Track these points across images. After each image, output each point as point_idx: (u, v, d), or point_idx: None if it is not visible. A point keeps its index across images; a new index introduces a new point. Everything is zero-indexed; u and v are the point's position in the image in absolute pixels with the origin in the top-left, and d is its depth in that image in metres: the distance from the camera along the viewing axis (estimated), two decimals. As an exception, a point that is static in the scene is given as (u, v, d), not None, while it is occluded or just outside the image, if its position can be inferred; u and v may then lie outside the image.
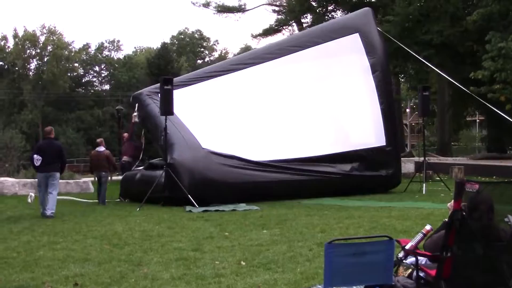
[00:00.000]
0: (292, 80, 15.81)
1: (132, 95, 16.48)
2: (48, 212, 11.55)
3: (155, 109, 14.28)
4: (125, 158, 17.28)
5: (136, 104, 15.36)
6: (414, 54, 19.32)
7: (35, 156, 11.83)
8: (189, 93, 14.95)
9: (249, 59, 16.66)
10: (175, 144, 13.52)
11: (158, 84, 14.26)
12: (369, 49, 16.26)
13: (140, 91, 16.40)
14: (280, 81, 15.75)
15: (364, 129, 15.63)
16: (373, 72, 16.06)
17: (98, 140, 15.32)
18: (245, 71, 15.77)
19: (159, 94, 13.74)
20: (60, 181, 14.22)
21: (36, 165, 11.79)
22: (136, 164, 16.29)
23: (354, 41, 16.41)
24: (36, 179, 13.82)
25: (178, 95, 13.91)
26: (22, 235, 9.06)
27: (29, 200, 15.19)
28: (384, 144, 15.50)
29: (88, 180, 21.15)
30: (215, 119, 14.68)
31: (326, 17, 34.51)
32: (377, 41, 16.54)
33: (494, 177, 16.94)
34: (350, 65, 16.23)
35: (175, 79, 14.78)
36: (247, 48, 56.87)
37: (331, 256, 4.30)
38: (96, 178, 15.02)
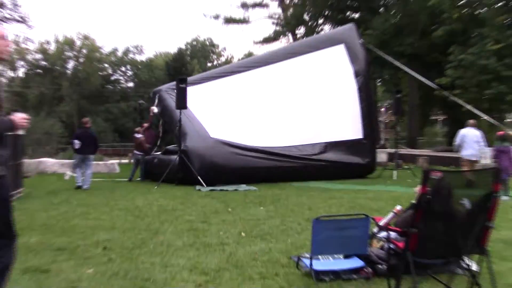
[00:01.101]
0: (287, 82, 15.78)
1: (153, 91, 16.42)
2: (85, 186, 12.34)
3: (171, 104, 14.25)
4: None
5: (156, 98, 15.33)
6: (396, 63, 19.20)
7: (75, 141, 12.53)
8: (200, 91, 14.91)
9: (251, 63, 16.67)
10: (188, 133, 13.51)
11: (174, 82, 14.22)
12: (353, 58, 16.25)
13: (159, 87, 16.35)
14: (277, 82, 15.71)
15: (346, 124, 15.62)
16: (356, 76, 16.05)
17: (136, 129, 16.06)
18: (248, 73, 15.75)
19: (175, 91, 13.70)
20: (92, 162, 14.32)
21: (76, 148, 12.49)
22: (154, 150, 16.30)
23: (340, 50, 16.39)
24: (72, 160, 14.09)
25: (191, 92, 13.87)
26: (60, 206, 9.08)
27: (66, 178, 15.26)
28: (362, 137, 15.53)
29: (114, 162, 21.18)
30: (222, 113, 14.66)
31: (317, 29, 34.40)
32: (359, 51, 16.51)
33: (453, 166, 16.97)
34: (336, 70, 16.20)
35: (189, 78, 14.74)
36: (250, 54, 56.56)
37: (317, 230, 4.32)
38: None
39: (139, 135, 15.42)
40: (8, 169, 3.28)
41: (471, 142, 11.40)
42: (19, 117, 3.17)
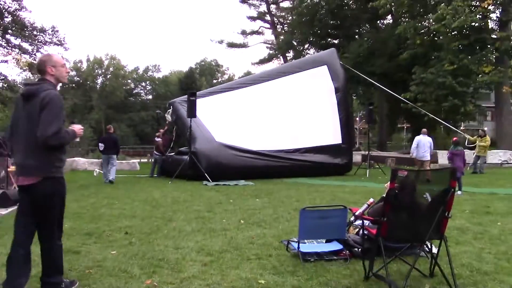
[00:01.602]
0: (279, 96, 15.77)
1: (168, 102, 16.39)
2: (111, 178, 12.56)
3: (183, 113, 14.19)
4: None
5: (171, 108, 15.28)
6: (369, 80, 19.24)
7: (100, 144, 12.96)
8: (207, 103, 14.88)
9: (249, 80, 16.64)
10: (197, 138, 13.46)
11: (186, 96, 14.20)
12: (334, 76, 16.28)
13: (174, 99, 16.30)
14: (271, 96, 15.70)
15: (328, 132, 15.63)
16: (336, 92, 16.07)
17: (157, 133, 16.01)
18: (247, 89, 15.73)
19: (187, 103, 13.66)
20: (117, 161, 14.35)
21: (101, 149, 12.84)
22: (169, 151, 16.26)
23: (323, 70, 16.41)
24: (100, 159, 14.23)
25: (200, 103, 13.84)
26: (90, 198, 9.03)
27: (95, 174, 15.20)
28: (341, 142, 15.55)
29: (135, 161, 21.09)
30: (225, 121, 14.63)
31: (303, 53, 34.50)
32: (339, 71, 16.54)
33: (416, 166, 16.98)
34: (320, 87, 16.21)
35: (198, 93, 14.72)
36: (248, 73, 56.64)
37: (303, 218, 4.30)
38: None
39: (158, 139, 15.48)
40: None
41: (423, 146, 12.03)
42: (77, 127, 3.34)
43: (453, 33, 21.76)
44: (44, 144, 3.07)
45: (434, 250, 4.06)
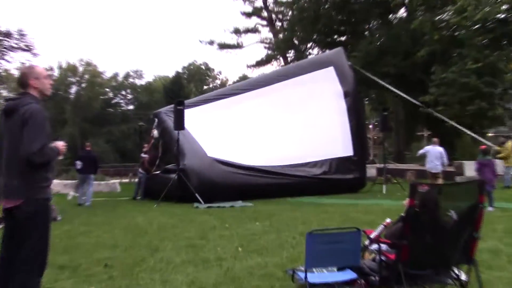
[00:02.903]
0: (280, 103, 15.87)
1: (153, 113, 16.45)
2: (87, 203, 12.83)
3: (170, 125, 14.25)
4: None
5: (156, 120, 15.33)
6: (381, 82, 19.38)
7: (77, 162, 13.26)
8: (197, 112, 14.95)
9: (245, 85, 16.76)
10: (186, 153, 13.48)
11: (173, 105, 14.26)
12: (342, 79, 16.40)
13: (159, 110, 16.37)
14: (270, 103, 15.81)
15: (337, 142, 15.68)
16: (345, 97, 16.17)
17: (144, 149, 16.24)
18: (242, 95, 15.83)
19: (173, 113, 13.72)
20: (94, 182, 14.40)
21: (78, 168, 13.18)
22: (154, 169, 16.25)
23: (329, 72, 16.54)
24: (75, 181, 14.34)
25: (189, 113, 13.89)
26: (63, 224, 8.99)
27: (69, 197, 15.17)
28: (352, 154, 15.57)
29: (116, 182, 21.05)
30: (218, 133, 14.68)
31: (306, 52, 34.75)
32: (348, 73, 16.68)
33: (442, 180, 16.98)
34: (327, 91, 16.32)
35: (186, 101, 14.79)
36: (244, 78, 56.92)
37: (311, 244, 4.27)
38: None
39: (145, 155, 15.55)
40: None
41: (433, 157, 12.63)
42: (60, 144, 3.44)
43: (475, 26, 21.96)
44: (28, 163, 3.15)
45: (463, 277, 4.03)
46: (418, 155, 13.51)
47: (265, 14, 42.06)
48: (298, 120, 15.73)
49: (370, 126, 55.27)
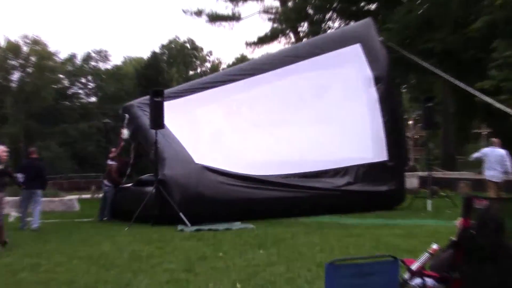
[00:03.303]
0: (290, 92, 15.91)
1: (122, 107, 16.47)
2: (34, 225, 12.74)
3: (145, 122, 14.27)
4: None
5: (126, 116, 15.34)
6: (424, 64, 19.34)
7: (18, 175, 12.75)
8: (181, 105, 14.97)
9: (244, 70, 16.77)
10: (167, 158, 13.50)
11: (148, 96, 14.29)
12: (371, 60, 16.41)
13: (130, 102, 16.41)
14: (277, 93, 15.84)
15: (366, 144, 15.69)
16: (376, 84, 16.19)
17: (111, 155, 16.26)
18: (240, 83, 15.83)
19: (150, 106, 13.73)
20: (44, 199, 14.46)
21: (20, 181, 12.72)
22: (124, 180, 16.30)
23: (355, 52, 16.55)
24: (18, 197, 14.32)
25: (170, 107, 13.90)
26: (2, 256, 8.98)
27: (10, 219, 15.20)
28: (386, 159, 15.56)
29: (73, 198, 21.10)
30: (209, 132, 14.71)
31: (324, 26, 34.71)
32: (379, 52, 16.69)
33: (503, 192, 16.97)
34: (351, 77, 16.35)
35: (167, 91, 14.81)
36: (242, 59, 57.02)
37: (332, 278, 4.26)
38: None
39: (112, 162, 15.52)
40: None
41: (494, 162, 12.74)
42: (1, 149, 3.32)
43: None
44: None
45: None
46: (473, 159, 13.37)
47: (269, -26, 42.17)
48: (314, 115, 15.76)
49: (410, 122, 55.36)
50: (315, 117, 15.74)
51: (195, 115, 15.12)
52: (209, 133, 14.71)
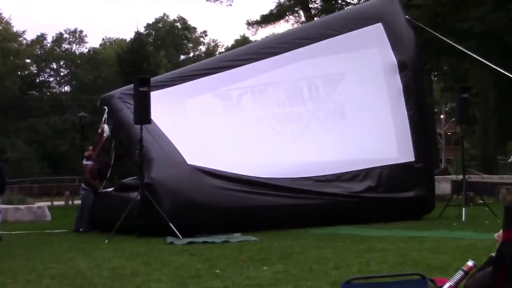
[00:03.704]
0: (299, 81, 15.90)
1: (101, 98, 16.51)
2: None
3: (128, 116, 14.29)
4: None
5: (106, 109, 15.36)
6: (459, 47, 19.27)
7: None
8: (170, 96, 15.00)
9: (246, 54, 16.70)
10: (154, 159, 13.53)
11: (132, 85, 14.32)
12: (396, 43, 16.38)
13: (110, 93, 16.45)
14: (284, 82, 15.85)
15: (389, 142, 15.69)
16: (401, 71, 16.15)
17: (85, 153, 16.36)
18: (241, 70, 15.83)
19: (134, 98, 13.75)
20: (9, 206, 14.49)
21: None
22: (103, 184, 16.34)
23: (376, 32, 16.52)
24: None
25: (157, 98, 13.94)
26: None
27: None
28: (413, 159, 15.57)
29: (43, 205, 21.15)
30: (203, 128, 14.70)
31: (338, 1, 34.70)
32: (406, 33, 16.66)
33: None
34: (371, 62, 16.33)
35: (153, 79, 14.85)
36: (243, 41, 57.01)
37: (349, 299, 4.29)
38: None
39: (88, 162, 15.55)
40: None
41: None
42: None
43: None
44: None
45: None
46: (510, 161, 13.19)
47: None
48: (326, 108, 15.78)
49: (442, 117, 55.30)
50: (329, 110, 15.76)
51: (187, 107, 15.14)
52: (204, 129, 14.70)
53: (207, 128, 14.75)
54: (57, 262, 9.92)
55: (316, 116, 15.68)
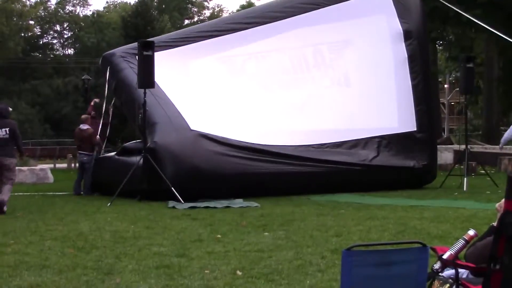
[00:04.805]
0: (304, 47, 15.79)
1: (103, 56, 16.40)
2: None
3: (131, 76, 14.19)
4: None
5: (108, 66, 15.18)
6: (465, 14, 19.07)
7: None
8: (174, 58, 14.87)
9: (251, 17, 16.49)
10: (157, 123, 13.49)
11: (135, 44, 14.22)
12: (402, 11, 16.22)
13: (112, 51, 16.32)
14: (289, 48, 15.72)
15: (391, 111, 15.66)
16: (406, 39, 16.03)
17: (83, 116, 16.02)
18: (245, 33, 15.65)
19: (137, 59, 13.62)
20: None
21: None
22: (103, 147, 16.33)
23: (383, 1, 16.34)
24: None
25: (161, 59, 13.83)
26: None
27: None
28: (415, 129, 15.55)
29: (46, 167, 21.20)
30: (207, 94, 14.63)
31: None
32: (413, 2, 16.47)
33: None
34: (376, 30, 16.22)
35: (157, 39, 14.74)
36: (249, 5, 56.50)
37: (349, 266, 4.29)
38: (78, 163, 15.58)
39: (85, 127, 15.39)
40: None
41: None
42: None
43: None
44: None
45: None
46: (503, 140, 13.06)
47: None
48: (331, 74, 15.69)
49: (446, 86, 55.05)
50: (331, 78, 15.72)
51: (191, 71, 15.06)
52: (207, 94, 14.64)
53: (210, 94, 14.69)
54: (59, 224, 9.97)
55: (321, 83, 15.60)
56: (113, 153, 16.02)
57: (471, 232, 4.53)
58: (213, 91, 14.74)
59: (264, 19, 16.05)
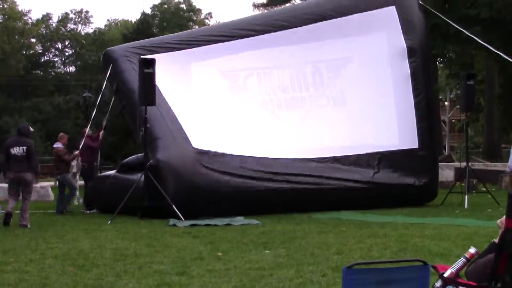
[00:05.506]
0: (304, 64, 15.80)
1: (105, 51, 16.12)
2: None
3: (133, 78, 14.09)
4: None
5: (110, 66, 14.89)
6: (466, 32, 19.12)
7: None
8: (174, 63, 14.78)
9: (254, 24, 16.19)
10: (160, 138, 13.48)
11: (141, 41, 14.14)
12: (407, 28, 16.17)
13: (115, 47, 16.18)
14: (290, 63, 15.71)
15: (393, 128, 15.64)
16: (410, 56, 16.00)
17: (60, 134, 16.16)
18: (248, 41, 15.49)
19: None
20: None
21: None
22: (99, 163, 16.30)
23: (389, 16, 16.28)
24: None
25: (163, 60, 13.87)
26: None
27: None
28: (417, 146, 15.55)
29: (47, 185, 21.19)
30: (209, 108, 14.57)
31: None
32: (417, 18, 16.47)
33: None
34: (381, 46, 16.17)
35: (155, 40, 14.67)
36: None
37: (350, 284, 4.30)
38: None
39: (57, 145, 15.71)
40: None
41: None
42: None
43: None
44: None
45: None
46: (510, 165, 12.98)
47: None
48: (326, 94, 15.74)
49: (446, 103, 55.15)
50: (330, 97, 15.75)
51: (194, 85, 14.93)
52: (209, 109, 14.56)
53: (212, 109, 14.65)
54: (59, 242, 9.96)
55: (318, 102, 15.61)
56: (113, 171, 16.01)
57: (472, 250, 4.53)
58: (215, 106, 14.71)
59: (268, 27, 15.79)
